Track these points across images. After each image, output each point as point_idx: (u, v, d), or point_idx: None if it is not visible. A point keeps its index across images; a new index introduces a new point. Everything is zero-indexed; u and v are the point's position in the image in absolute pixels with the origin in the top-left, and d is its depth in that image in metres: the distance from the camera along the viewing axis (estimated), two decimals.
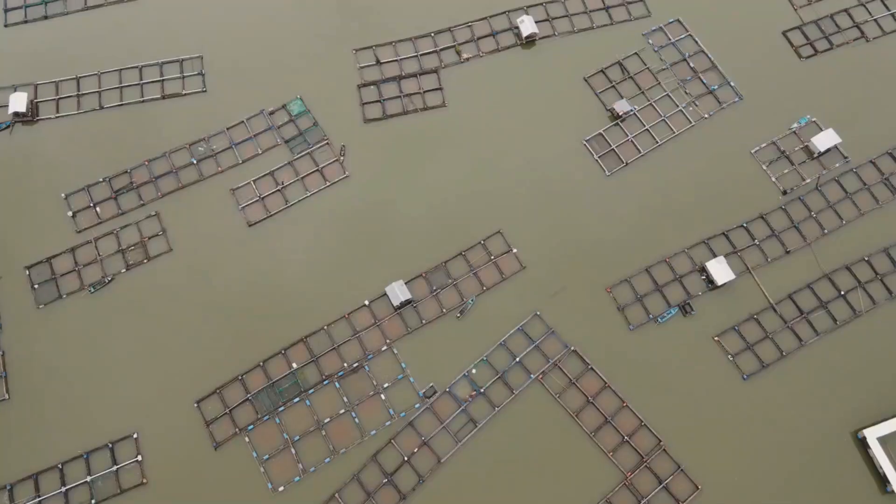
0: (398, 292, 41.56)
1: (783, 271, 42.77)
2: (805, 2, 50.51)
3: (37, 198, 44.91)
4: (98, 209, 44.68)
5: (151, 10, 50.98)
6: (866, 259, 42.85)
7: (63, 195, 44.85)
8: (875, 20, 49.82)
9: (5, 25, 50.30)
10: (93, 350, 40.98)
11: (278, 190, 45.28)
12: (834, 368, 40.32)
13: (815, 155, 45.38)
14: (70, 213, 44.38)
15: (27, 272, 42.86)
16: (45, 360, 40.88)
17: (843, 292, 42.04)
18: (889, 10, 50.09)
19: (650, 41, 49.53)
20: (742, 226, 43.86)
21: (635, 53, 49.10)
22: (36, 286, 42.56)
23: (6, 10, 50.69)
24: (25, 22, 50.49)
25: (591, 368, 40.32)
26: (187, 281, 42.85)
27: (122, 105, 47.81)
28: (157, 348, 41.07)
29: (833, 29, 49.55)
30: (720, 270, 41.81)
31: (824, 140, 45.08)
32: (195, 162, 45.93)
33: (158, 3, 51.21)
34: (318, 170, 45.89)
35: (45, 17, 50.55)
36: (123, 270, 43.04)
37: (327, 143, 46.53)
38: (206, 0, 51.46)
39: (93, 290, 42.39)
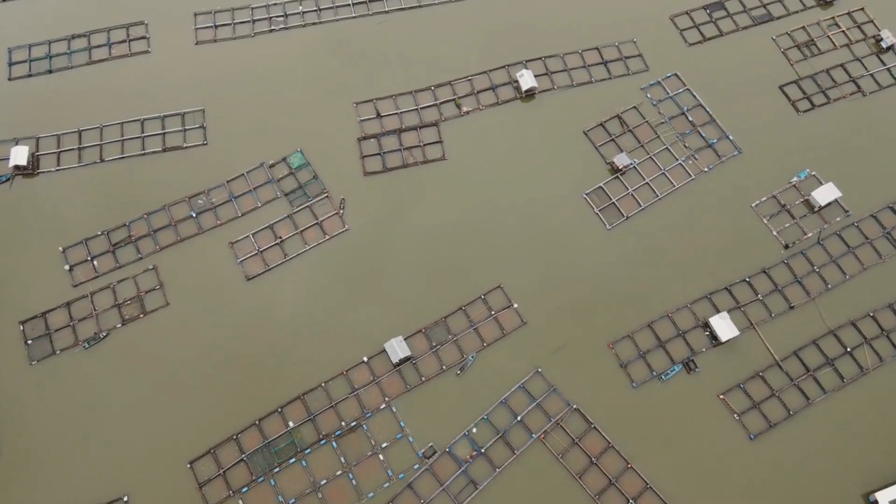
0: (397, 349, 40.92)
1: (787, 327, 42.22)
2: (801, 56, 51.12)
3: (34, 251, 44.59)
4: (95, 263, 44.33)
5: (155, 64, 51.51)
6: (871, 315, 42.35)
7: (61, 249, 44.54)
8: (871, 75, 50.34)
9: (9, 79, 50.74)
10: (85, 408, 40.10)
11: (277, 243, 45.02)
12: (843, 428, 39.44)
13: (816, 209, 45.28)
14: (67, 267, 44.01)
15: (21, 327, 42.27)
16: (36, 417, 39.96)
17: (849, 349, 41.42)
18: (885, 65, 50.64)
19: (648, 95, 49.94)
20: (745, 280, 43.49)
21: (634, 107, 49.45)
22: (29, 342, 41.91)
23: (10, 65, 51.21)
24: (29, 76, 50.97)
25: (595, 428, 39.42)
26: (183, 336, 42.22)
27: (122, 158, 47.89)
28: (150, 406, 40.21)
29: (829, 83, 50.01)
30: (724, 326, 41.25)
31: (824, 194, 45.05)
32: (194, 215, 45.77)
33: (162, 57, 51.78)
34: (317, 223, 45.71)
35: (49, 72, 51.04)
36: (119, 325, 42.45)
37: (327, 197, 46.46)
38: (208, 54, 52.01)
39: (87, 345, 41.74)
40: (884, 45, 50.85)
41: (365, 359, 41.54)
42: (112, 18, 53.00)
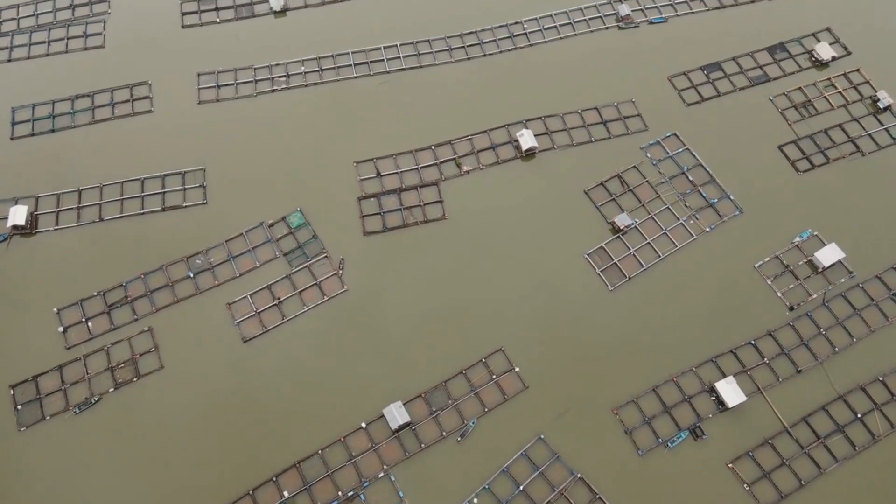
0: (396, 415, 39.90)
1: (796, 392, 41.28)
2: (799, 117, 51.48)
3: (28, 312, 43.97)
4: (90, 324, 43.63)
5: (157, 123, 51.84)
6: (881, 379, 41.48)
7: (55, 310, 43.93)
8: (869, 135, 50.60)
9: (11, 138, 51.00)
10: (74, 477, 38.84)
11: (275, 304, 44.43)
12: (856, 499, 38.09)
13: (820, 269, 44.86)
14: (61, 329, 43.31)
15: (11, 391, 41.32)
16: (24, 486, 38.66)
17: (859, 415, 40.39)
18: (882, 125, 50.95)
19: (648, 154, 50.09)
20: (750, 343, 42.73)
21: (634, 167, 49.54)
22: (19, 406, 40.90)
23: (13, 124, 51.55)
24: (32, 135, 51.24)
25: (600, 498, 38.08)
26: (176, 400, 41.23)
27: (121, 217, 47.72)
28: (141, 474, 38.95)
29: (828, 143, 50.23)
30: (731, 392, 40.32)
31: (828, 255, 44.69)
32: (192, 275, 45.31)
33: (165, 116, 52.16)
34: (316, 283, 45.21)
35: (52, 131, 51.34)
36: (111, 390, 41.49)
37: (326, 257, 46.08)
38: (210, 113, 52.40)
39: (78, 410, 40.71)
40: (881, 105, 51.25)
41: (363, 424, 40.47)
42: (116, 78, 53.62)
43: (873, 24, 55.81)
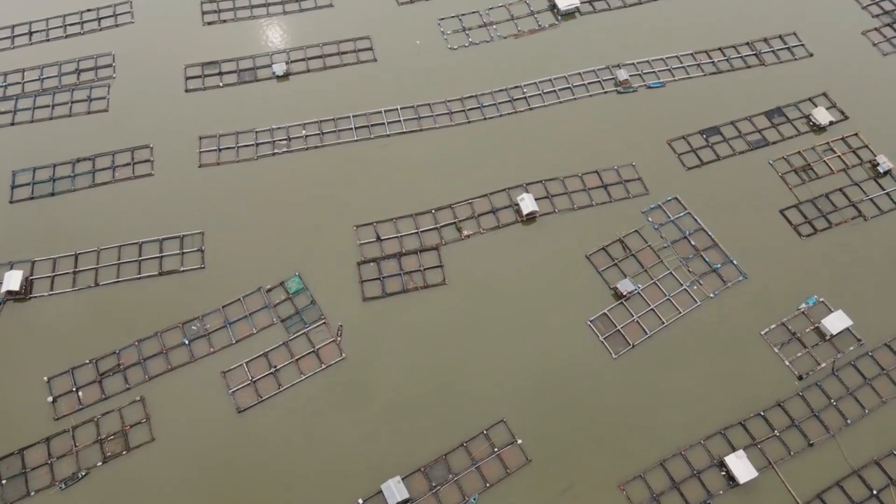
0: (395, 491, 38.40)
1: (808, 466, 39.85)
2: (799, 181, 51.45)
3: (17, 381, 42.94)
4: (80, 394, 42.52)
5: (158, 187, 51.75)
6: (895, 453, 40.12)
7: (45, 379, 42.88)
8: (871, 199, 50.45)
9: (10, 202, 50.86)
10: None
11: (271, 373, 43.39)
12: None
13: (828, 337, 44.00)
14: (50, 399, 42.18)
15: None
16: None
17: (875, 491, 38.92)
18: (883, 190, 50.87)
19: (650, 219, 49.84)
20: (759, 414, 41.52)
21: (636, 231, 49.20)
22: (3, 481, 39.47)
23: (13, 187, 51.51)
24: (31, 198, 51.12)
25: None
26: (167, 475, 39.78)
27: (118, 282, 47.13)
28: None
29: (830, 208, 50.03)
30: (741, 467, 38.92)
31: (835, 322, 43.90)
32: (187, 342, 44.41)
33: (165, 179, 52.12)
34: (313, 351, 44.28)
35: (52, 194, 51.24)
36: (99, 464, 40.09)
37: (324, 323, 45.27)
38: (211, 176, 52.38)
39: (63, 486, 39.23)
40: (881, 169, 51.29)
41: (361, 501, 38.91)
42: (119, 142, 53.82)
43: (869, 89, 56.37)
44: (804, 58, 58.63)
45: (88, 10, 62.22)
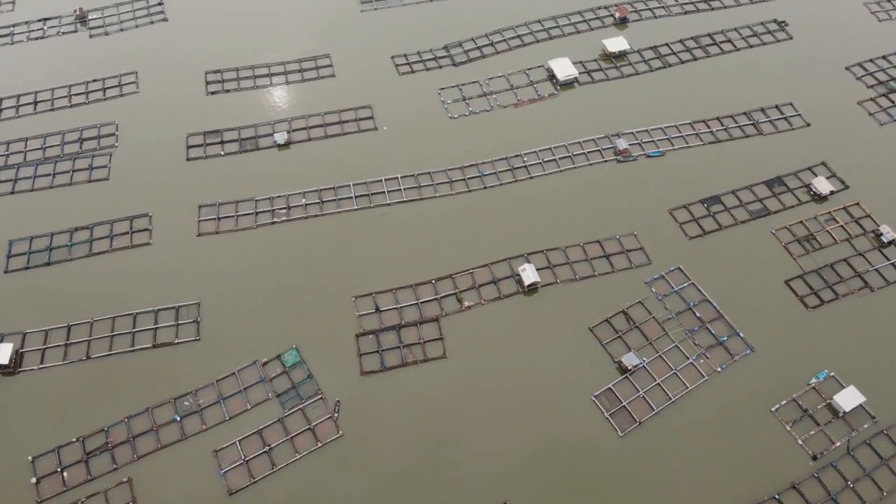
0: None
1: None
2: (803, 251, 50.99)
3: (1, 461, 41.20)
4: (65, 475, 40.84)
5: (155, 256, 51.19)
6: None
7: (30, 458, 41.24)
8: (876, 270, 49.88)
9: (5, 272, 50.20)
10: None
11: (265, 451, 41.78)
12: None
13: (841, 414, 42.64)
14: (34, 480, 40.44)
15: None
16: None
17: None
18: (888, 260, 50.36)
19: (653, 289, 49.12)
20: (774, 497, 39.74)
21: (639, 302, 48.41)
22: None
23: (9, 257, 50.92)
24: (27, 268, 50.51)
25: None
26: None
27: (110, 355, 46.01)
28: None
29: (835, 278, 49.39)
30: None
31: (848, 399, 42.66)
32: (178, 419, 42.96)
33: (163, 248, 51.59)
34: (309, 428, 42.80)
35: (48, 264, 50.64)
36: None
37: (321, 398, 43.93)
38: (209, 245, 51.90)
39: None
40: (884, 240, 50.93)
41: None
42: (118, 211, 53.58)
43: (868, 158, 56.62)
44: (801, 127, 59.17)
45: (94, 81, 63.14)
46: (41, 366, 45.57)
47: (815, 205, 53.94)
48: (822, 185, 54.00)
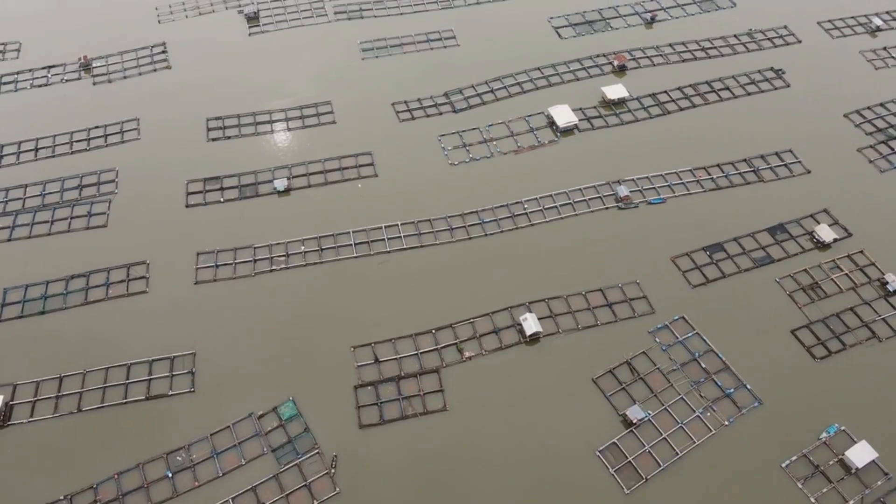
0: None
1: None
2: (808, 300, 50.28)
3: None
4: None
5: (151, 305, 50.50)
6: None
7: None
8: (883, 319, 49.11)
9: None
10: None
11: None
12: None
13: (853, 471, 41.33)
14: None
15: None
16: None
17: None
18: (895, 309, 49.61)
19: (657, 339, 48.25)
20: None
21: (643, 352, 47.50)
22: None
23: (3, 305, 50.29)
24: (21, 317, 49.74)
25: None
26: None
27: (102, 407, 44.92)
28: None
29: (842, 328, 48.58)
30: None
31: (860, 455, 41.43)
32: (170, 475, 41.66)
33: (159, 297, 50.93)
34: (305, 485, 41.46)
35: (42, 313, 49.90)
36: None
37: (318, 453, 42.66)
38: (206, 294, 51.26)
39: None
40: (890, 288, 50.32)
41: None
42: (115, 258, 53.12)
43: (870, 206, 56.41)
44: (802, 175, 59.13)
45: (96, 127, 63.47)
46: (31, 419, 44.43)
47: (819, 252, 53.47)
48: (825, 232, 53.61)
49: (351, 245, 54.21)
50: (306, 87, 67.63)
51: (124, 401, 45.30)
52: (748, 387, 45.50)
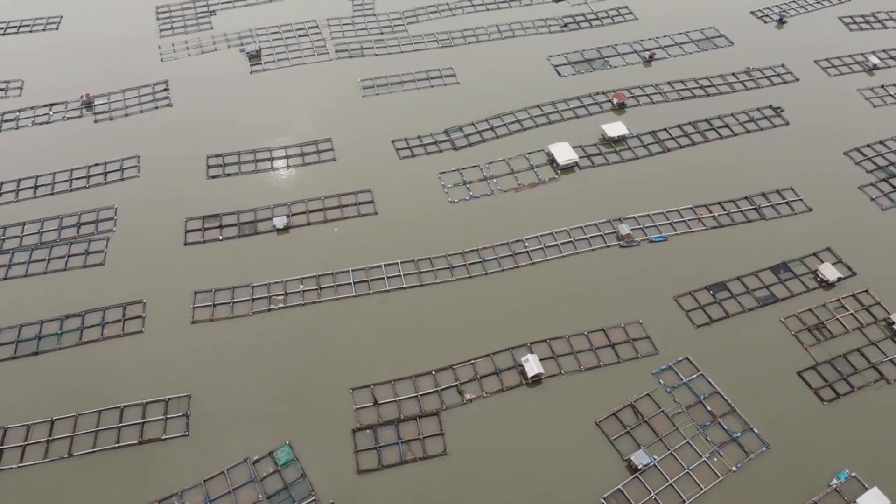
0: None
1: None
2: (814, 340, 49.52)
3: None
4: None
5: (147, 345, 49.61)
6: None
7: None
8: (891, 360, 48.30)
9: None
10: None
11: None
12: None
13: None
14: None
15: None
16: None
17: None
18: None
19: (661, 381, 47.38)
20: None
21: (647, 394, 46.58)
22: None
23: None
24: (14, 358, 48.90)
25: None
26: None
27: (93, 452, 43.80)
28: None
29: (850, 369, 47.74)
30: None
31: (872, 503, 40.17)
32: None
33: (155, 337, 50.12)
34: None
35: (35, 353, 49.08)
36: None
37: (315, 501, 41.45)
38: (203, 334, 50.45)
39: None
40: None
41: None
42: (112, 297, 52.47)
43: (874, 244, 56.00)
44: (804, 212, 58.88)
45: (96, 165, 63.41)
46: (20, 464, 43.27)
47: (823, 291, 52.88)
48: (829, 271, 53.11)
49: (350, 284, 53.62)
50: (307, 124, 67.88)
51: (117, 445, 44.19)
52: (755, 431, 44.50)
